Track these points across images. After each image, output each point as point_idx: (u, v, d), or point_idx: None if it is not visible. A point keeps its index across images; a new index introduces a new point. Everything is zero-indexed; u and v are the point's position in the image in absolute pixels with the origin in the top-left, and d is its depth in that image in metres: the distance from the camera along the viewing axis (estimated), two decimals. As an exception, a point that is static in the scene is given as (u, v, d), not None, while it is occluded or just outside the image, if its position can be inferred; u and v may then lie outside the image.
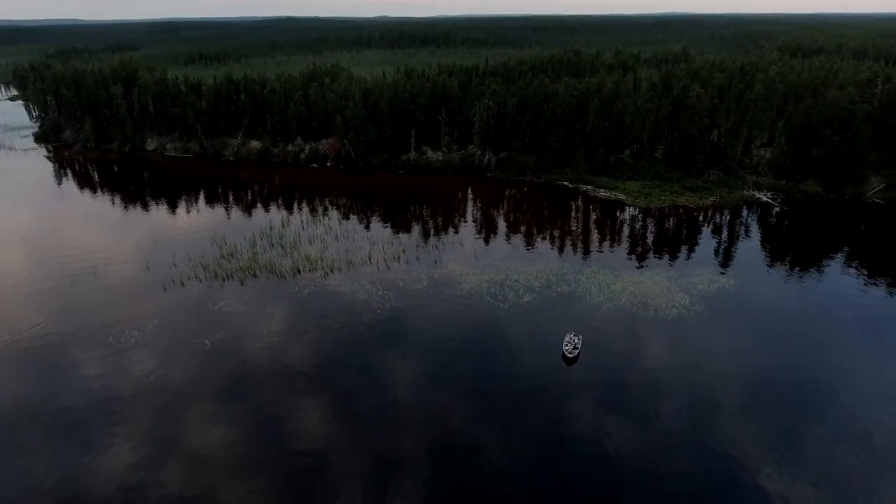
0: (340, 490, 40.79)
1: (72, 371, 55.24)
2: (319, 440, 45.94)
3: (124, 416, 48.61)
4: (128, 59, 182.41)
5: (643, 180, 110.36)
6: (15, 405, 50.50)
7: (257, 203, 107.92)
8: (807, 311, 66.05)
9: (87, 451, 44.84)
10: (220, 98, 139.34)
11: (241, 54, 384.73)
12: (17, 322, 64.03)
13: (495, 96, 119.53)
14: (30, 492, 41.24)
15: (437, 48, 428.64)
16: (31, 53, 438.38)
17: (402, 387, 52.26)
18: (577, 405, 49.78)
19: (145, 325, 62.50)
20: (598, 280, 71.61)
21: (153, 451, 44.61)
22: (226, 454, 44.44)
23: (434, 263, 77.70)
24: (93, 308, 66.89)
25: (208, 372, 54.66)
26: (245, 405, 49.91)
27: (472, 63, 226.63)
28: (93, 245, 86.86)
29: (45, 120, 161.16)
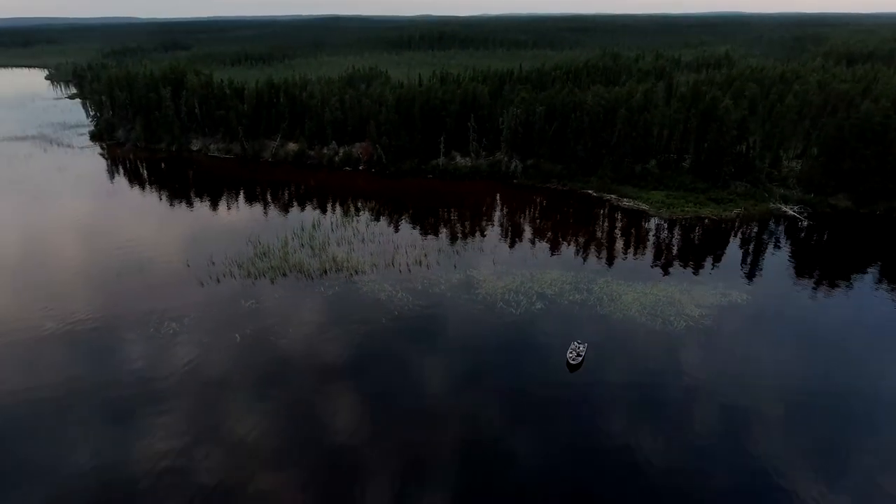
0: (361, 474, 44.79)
1: (115, 355, 61.08)
2: (333, 429, 50.02)
3: (160, 401, 53.81)
4: (177, 62, 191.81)
5: (668, 190, 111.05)
6: (66, 384, 56.40)
7: (291, 204, 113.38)
8: (820, 330, 66.53)
9: (127, 430, 50.13)
10: (262, 101, 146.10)
11: (285, 55, 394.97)
12: (72, 308, 70.69)
13: (524, 104, 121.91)
14: (75, 467, 46.53)
15: (476, 50, 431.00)
16: (89, 53, 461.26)
17: (406, 385, 55.93)
18: (573, 408, 52.45)
19: (183, 318, 68.04)
20: (611, 290, 73.70)
21: (187, 435, 49.53)
22: (251, 440, 48.98)
23: (454, 268, 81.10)
24: (137, 299, 72.98)
25: (237, 364, 59.54)
26: (267, 395, 54.53)
27: (508, 67, 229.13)
28: (140, 240, 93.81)
29: (99, 119, 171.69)
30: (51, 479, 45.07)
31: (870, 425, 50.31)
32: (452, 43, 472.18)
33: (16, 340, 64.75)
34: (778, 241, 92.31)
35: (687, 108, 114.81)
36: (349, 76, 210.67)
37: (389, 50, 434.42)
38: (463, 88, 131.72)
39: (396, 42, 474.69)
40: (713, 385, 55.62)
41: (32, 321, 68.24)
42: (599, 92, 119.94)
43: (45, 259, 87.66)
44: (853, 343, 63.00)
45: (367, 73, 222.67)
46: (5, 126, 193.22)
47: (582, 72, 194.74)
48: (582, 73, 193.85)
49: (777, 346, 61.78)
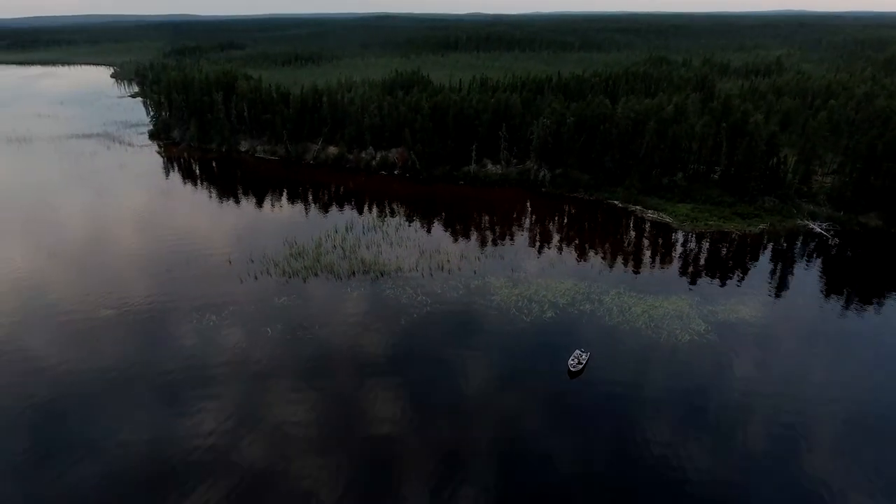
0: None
1: (159, 341, 68.41)
2: (340, 414, 55.44)
3: (196, 384, 60.50)
4: (229, 68, 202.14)
5: (695, 203, 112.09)
6: (116, 364, 63.88)
7: (328, 206, 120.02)
8: (827, 350, 67.34)
9: (167, 409, 56.95)
10: (306, 106, 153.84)
11: (334, 55, 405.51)
12: (125, 295, 79.08)
13: (554, 115, 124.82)
14: (125, 442, 53.39)
15: (522, 52, 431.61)
16: (151, 51, 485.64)
17: (414, 382, 60.84)
18: (568, 411, 56.20)
19: (222, 311, 75.02)
20: (621, 301, 76.60)
21: (215, 414, 55.94)
22: (272, 422, 54.95)
23: (473, 274, 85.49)
24: (183, 291, 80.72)
25: (266, 355, 65.79)
26: (291, 385, 60.48)
27: (548, 73, 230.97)
28: (189, 235, 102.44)
29: (157, 119, 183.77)
30: (104, 452, 51.93)
31: (872, 458, 52.10)
32: (498, 45, 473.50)
33: (76, 321, 73.33)
34: (800, 259, 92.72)
35: (717, 121, 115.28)
36: (392, 80, 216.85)
37: (436, 51, 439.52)
38: (496, 98, 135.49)
39: (443, 43, 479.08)
40: (697, 398, 58.21)
41: (91, 305, 77.06)
42: (629, 104, 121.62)
43: (104, 250, 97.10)
44: (858, 363, 64.03)
45: (409, 76, 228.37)
46: (75, 123, 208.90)
47: (621, 79, 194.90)
48: (620, 80, 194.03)
49: (778, 365, 63.60)
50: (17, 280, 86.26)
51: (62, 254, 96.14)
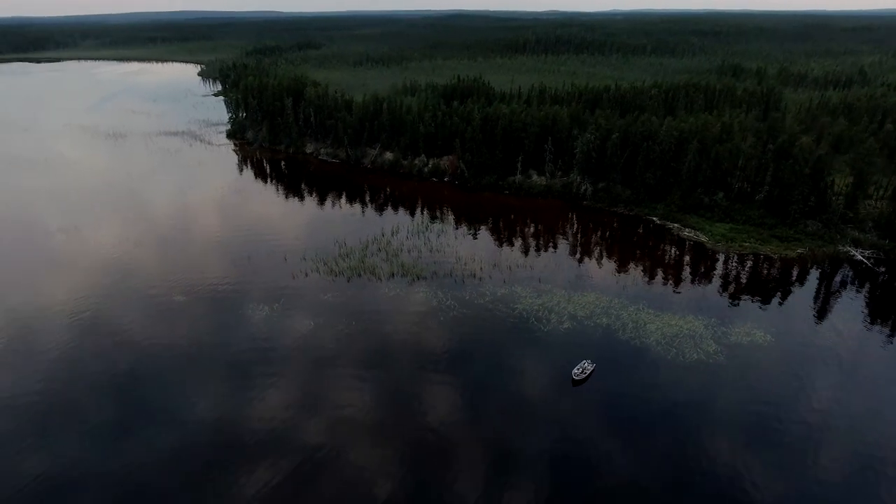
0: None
1: (216, 326, 79.12)
2: (347, 402, 63.57)
3: (244, 368, 70.38)
4: (299, 73, 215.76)
5: (734, 224, 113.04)
6: (183, 343, 74.96)
7: (379, 209, 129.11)
8: (837, 383, 68.46)
9: (231, 389, 67.06)
10: (367, 113, 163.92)
11: (404, 57, 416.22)
12: (193, 282, 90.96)
13: (600, 130, 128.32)
14: (196, 421, 63.33)
15: (591, 55, 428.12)
16: (236, 49, 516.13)
17: (422, 381, 68.12)
18: (564, 414, 61.81)
19: (273, 304, 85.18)
20: (638, 317, 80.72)
21: (247, 391, 65.47)
22: (289, 400, 63.86)
23: (502, 283, 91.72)
24: (242, 283, 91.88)
25: (306, 345, 75.05)
26: (321, 373, 69.29)
27: (610, 81, 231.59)
28: (252, 231, 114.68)
29: (234, 120, 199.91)
30: (179, 423, 61.72)
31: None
32: (568, 47, 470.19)
33: (158, 301, 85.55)
34: (832, 286, 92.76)
35: (763, 143, 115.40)
36: (452, 87, 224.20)
37: (504, 53, 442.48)
38: (544, 112, 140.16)
39: (511, 45, 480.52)
40: (685, 414, 62.26)
41: (167, 287, 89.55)
42: (674, 123, 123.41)
43: (181, 239, 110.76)
44: (863, 396, 65.73)
45: (470, 83, 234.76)
46: (163, 120, 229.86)
47: (680, 92, 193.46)
48: (680, 93, 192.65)
49: (775, 391, 66.20)
50: (110, 262, 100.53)
51: (147, 241, 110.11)
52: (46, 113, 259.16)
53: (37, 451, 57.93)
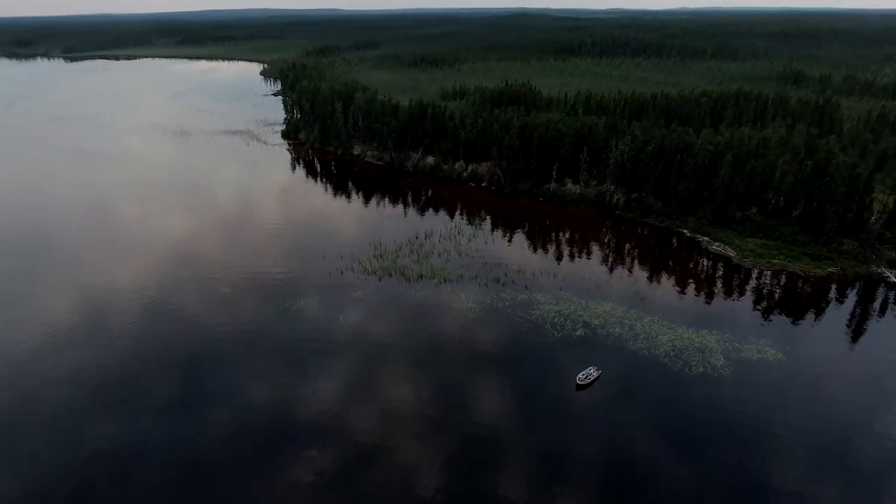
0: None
1: (256, 317, 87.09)
2: (374, 394, 69.67)
3: (275, 359, 77.91)
4: (351, 79, 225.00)
5: (765, 240, 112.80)
6: (222, 331, 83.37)
7: (416, 212, 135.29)
8: (845, 405, 69.24)
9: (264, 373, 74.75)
10: (411, 118, 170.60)
11: (458, 58, 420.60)
12: (241, 272, 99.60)
13: (636, 142, 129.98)
14: (249, 399, 71.00)
15: (647, 58, 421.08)
16: (297, 49, 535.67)
17: (422, 378, 73.54)
18: (563, 414, 65.92)
19: (308, 299, 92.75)
20: (651, 328, 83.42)
21: (260, 380, 72.68)
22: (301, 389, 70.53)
23: (524, 289, 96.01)
24: (283, 277, 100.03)
25: (337, 339, 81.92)
26: (343, 365, 75.94)
27: (662, 87, 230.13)
28: (295, 229, 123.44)
29: (289, 121, 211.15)
30: (230, 405, 68.81)
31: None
32: (624, 50, 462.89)
33: (206, 288, 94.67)
34: (859, 307, 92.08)
35: (800, 160, 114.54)
36: (499, 91, 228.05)
37: (558, 55, 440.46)
38: (580, 122, 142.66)
39: (567, 47, 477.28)
40: (675, 423, 65.08)
41: (216, 278, 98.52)
42: (709, 137, 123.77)
43: (230, 234, 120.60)
44: (864, 427, 66.59)
45: (518, 87, 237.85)
46: (225, 119, 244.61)
47: (730, 101, 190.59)
48: (729, 102, 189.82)
49: (772, 410, 67.66)
50: (171, 250, 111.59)
51: (201, 234, 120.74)
52: (121, 110, 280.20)
53: (102, 422, 66.36)
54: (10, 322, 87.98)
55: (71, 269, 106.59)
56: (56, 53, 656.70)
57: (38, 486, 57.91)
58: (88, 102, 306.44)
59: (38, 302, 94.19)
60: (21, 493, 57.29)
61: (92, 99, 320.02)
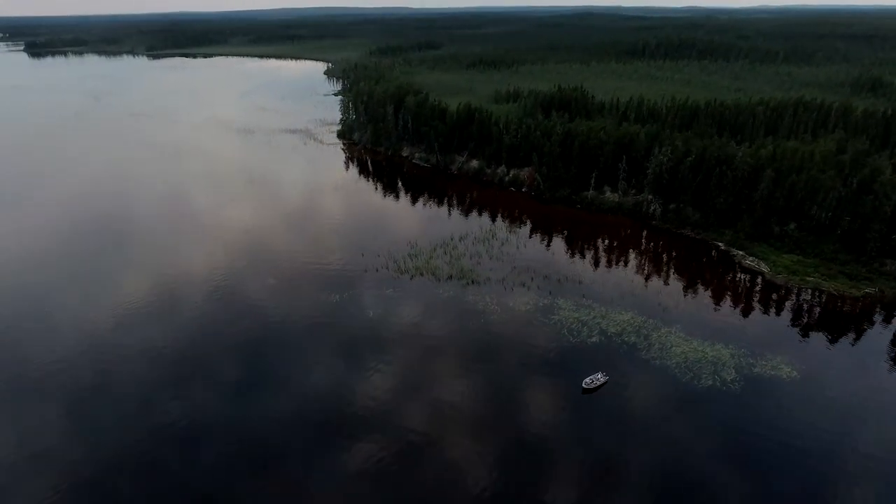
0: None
1: (297, 308, 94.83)
2: (361, 384, 75.46)
3: (302, 345, 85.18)
4: (406, 81, 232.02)
5: (803, 256, 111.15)
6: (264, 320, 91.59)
7: (455, 214, 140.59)
8: (846, 429, 69.22)
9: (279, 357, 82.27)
10: (458, 122, 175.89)
11: (516, 60, 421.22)
12: (291, 265, 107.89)
13: (676, 152, 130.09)
14: (307, 386, 78.61)
15: (714, 61, 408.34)
16: (362, 49, 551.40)
17: (445, 376, 78.56)
18: (566, 415, 69.57)
19: (343, 294, 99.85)
20: (668, 340, 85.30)
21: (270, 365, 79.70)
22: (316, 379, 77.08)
23: (548, 294, 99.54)
24: (321, 273, 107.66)
25: (364, 333, 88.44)
26: (368, 358, 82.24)
27: (715, 96, 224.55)
28: (341, 225, 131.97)
29: (345, 122, 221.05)
30: (290, 390, 75.70)
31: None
32: (690, 52, 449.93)
33: (253, 278, 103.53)
34: (887, 330, 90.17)
35: (844, 176, 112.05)
36: (550, 96, 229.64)
37: (620, 57, 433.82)
38: (621, 131, 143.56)
39: (630, 49, 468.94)
40: (667, 433, 67.34)
41: (259, 271, 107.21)
42: (749, 151, 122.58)
43: (280, 228, 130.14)
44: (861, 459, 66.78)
45: (570, 92, 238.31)
46: (286, 119, 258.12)
47: (787, 111, 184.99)
48: (787, 112, 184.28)
49: (773, 427, 68.65)
50: (231, 239, 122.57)
51: (255, 228, 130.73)
52: (192, 107, 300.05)
53: (172, 398, 74.35)
54: (91, 300, 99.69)
55: (146, 252, 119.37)
56: (140, 51, 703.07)
57: (111, 454, 65.71)
58: (164, 99, 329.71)
59: (117, 282, 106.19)
60: (95, 458, 65.16)
61: (168, 96, 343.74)
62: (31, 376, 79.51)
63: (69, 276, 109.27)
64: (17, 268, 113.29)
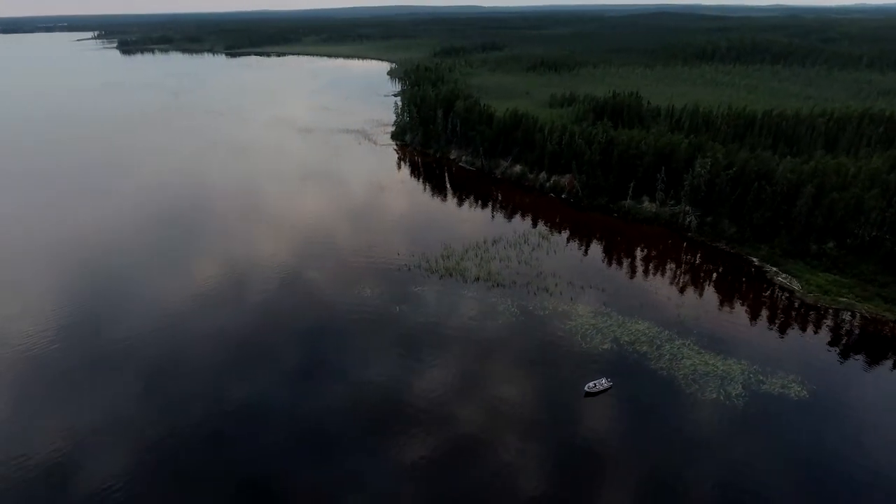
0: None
1: (328, 302, 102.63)
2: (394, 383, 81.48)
3: (329, 333, 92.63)
4: (455, 86, 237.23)
5: (840, 276, 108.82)
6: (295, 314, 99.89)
7: (492, 217, 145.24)
8: (853, 453, 69.33)
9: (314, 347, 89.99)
10: (504, 128, 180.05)
11: (578, 62, 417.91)
12: (334, 260, 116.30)
13: (717, 165, 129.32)
14: (364, 377, 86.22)
15: (787, 66, 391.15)
16: (427, 49, 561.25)
17: (443, 367, 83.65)
18: (564, 415, 73.40)
19: (374, 290, 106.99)
20: (678, 351, 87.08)
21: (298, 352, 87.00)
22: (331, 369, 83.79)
23: (569, 300, 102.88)
24: (358, 267, 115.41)
25: (387, 327, 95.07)
26: (392, 347, 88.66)
27: (798, 99, 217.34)
28: (382, 223, 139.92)
29: (398, 124, 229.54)
30: (349, 382, 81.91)
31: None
32: (764, 56, 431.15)
33: (295, 271, 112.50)
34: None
35: (888, 197, 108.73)
36: (603, 102, 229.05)
37: (687, 61, 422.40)
38: (662, 141, 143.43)
39: (699, 52, 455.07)
40: (661, 441, 69.64)
41: (299, 266, 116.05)
42: (789, 165, 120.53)
43: (326, 223, 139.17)
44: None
45: (624, 98, 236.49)
46: (345, 118, 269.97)
47: (851, 123, 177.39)
48: (851, 124, 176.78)
49: (767, 446, 69.61)
50: (288, 233, 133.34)
51: (304, 221, 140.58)
52: (260, 105, 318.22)
53: (236, 381, 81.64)
54: (166, 284, 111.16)
55: (215, 241, 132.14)
56: (220, 49, 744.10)
57: (179, 428, 73.01)
58: (237, 97, 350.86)
59: (189, 267, 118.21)
60: (164, 431, 72.46)
61: (240, 94, 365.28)
62: (111, 351, 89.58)
63: (146, 259, 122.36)
64: (102, 250, 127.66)
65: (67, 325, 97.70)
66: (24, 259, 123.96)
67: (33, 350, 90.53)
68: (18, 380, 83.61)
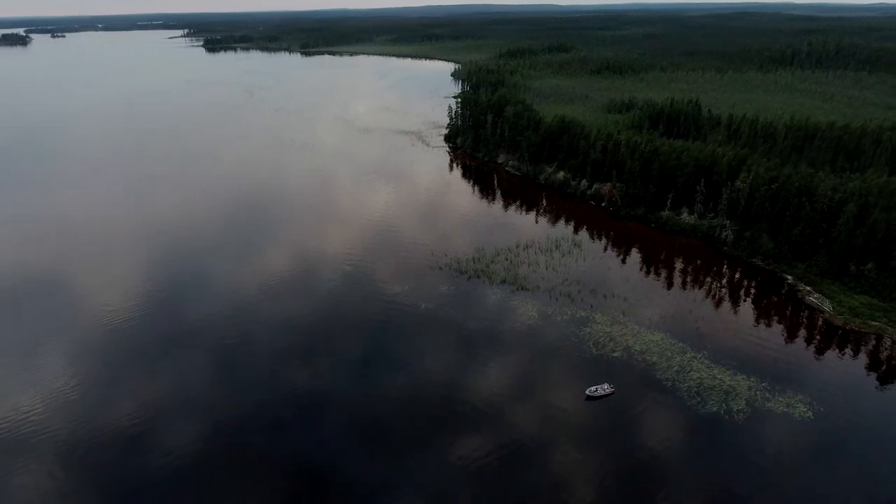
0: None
1: (361, 299, 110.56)
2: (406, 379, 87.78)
3: (353, 325, 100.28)
4: (504, 92, 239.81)
5: (877, 299, 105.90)
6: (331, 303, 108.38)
7: (531, 222, 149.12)
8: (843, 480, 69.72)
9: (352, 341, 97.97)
10: (550, 134, 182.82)
11: (644, 66, 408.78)
12: (369, 253, 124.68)
13: (758, 180, 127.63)
14: (418, 370, 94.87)
15: (874, 71, 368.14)
16: (493, 50, 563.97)
17: (449, 361, 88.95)
18: (562, 415, 77.48)
19: (405, 286, 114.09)
20: (687, 364, 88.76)
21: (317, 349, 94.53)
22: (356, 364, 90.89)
23: (589, 307, 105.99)
24: (392, 265, 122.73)
25: (411, 322, 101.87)
26: (413, 341, 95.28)
27: (868, 110, 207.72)
28: (422, 222, 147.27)
29: (451, 127, 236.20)
30: (408, 376, 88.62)
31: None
32: (847, 62, 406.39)
33: (330, 267, 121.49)
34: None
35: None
36: (660, 109, 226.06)
37: (763, 66, 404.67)
38: (706, 152, 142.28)
39: (777, 57, 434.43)
40: (655, 448, 72.25)
41: (335, 261, 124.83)
42: (831, 183, 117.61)
43: (370, 221, 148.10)
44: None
45: (682, 106, 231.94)
46: (403, 120, 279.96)
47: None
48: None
49: (746, 462, 70.93)
50: (335, 227, 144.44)
51: (360, 218, 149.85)
52: (326, 104, 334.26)
53: (300, 367, 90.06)
54: (239, 273, 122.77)
55: (284, 233, 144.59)
56: (295, 48, 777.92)
57: (244, 408, 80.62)
58: (306, 95, 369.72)
59: (260, 258, 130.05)
60: (230, 410, 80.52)
61: (309, 93, 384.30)
62: (184, 333, 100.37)
63: (215, 247, 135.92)
64: (176, 237, 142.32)
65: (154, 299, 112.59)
66: (113, 238, 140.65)
67: (114, 324, 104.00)
68: (101, 351, 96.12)
